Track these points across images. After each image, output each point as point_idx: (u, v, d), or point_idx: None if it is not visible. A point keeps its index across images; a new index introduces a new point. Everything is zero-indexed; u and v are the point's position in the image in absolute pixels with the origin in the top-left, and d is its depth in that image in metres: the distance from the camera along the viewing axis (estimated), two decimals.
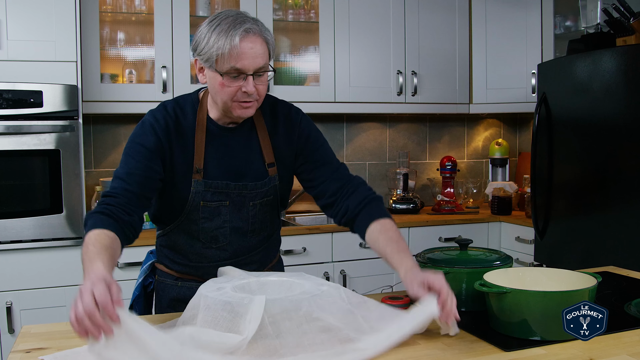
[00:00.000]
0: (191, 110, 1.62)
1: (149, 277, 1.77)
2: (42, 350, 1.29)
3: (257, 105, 1.56)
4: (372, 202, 1.65)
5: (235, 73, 1.48)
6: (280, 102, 1.72)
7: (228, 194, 1.60)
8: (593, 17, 3.11)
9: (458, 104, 3.72)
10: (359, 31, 3.47)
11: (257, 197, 1.64)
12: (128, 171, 1.52)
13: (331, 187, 1.66)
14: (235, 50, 1.45)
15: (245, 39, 1.46)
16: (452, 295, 1.32)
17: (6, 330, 2.63)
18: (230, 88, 1.50)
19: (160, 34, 3.09)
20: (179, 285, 1.70)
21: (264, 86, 1.53)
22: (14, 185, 2.64)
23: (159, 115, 1.59)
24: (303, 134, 1.68)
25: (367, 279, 3.23)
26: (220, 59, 1.47)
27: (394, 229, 1.58)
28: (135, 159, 1.54)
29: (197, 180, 1.58)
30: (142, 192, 1.52)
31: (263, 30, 1.51)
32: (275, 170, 1.66)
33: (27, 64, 2.66)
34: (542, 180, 3.11)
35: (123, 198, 1.48)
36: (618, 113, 2.69)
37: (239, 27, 1.46)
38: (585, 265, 2.71)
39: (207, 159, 1.60)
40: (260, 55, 1.49)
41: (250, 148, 1.64)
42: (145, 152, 1.54)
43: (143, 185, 1.52)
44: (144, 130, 1.57)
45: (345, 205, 1.64)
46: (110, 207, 1.45)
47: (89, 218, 1.45)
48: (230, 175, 1.61)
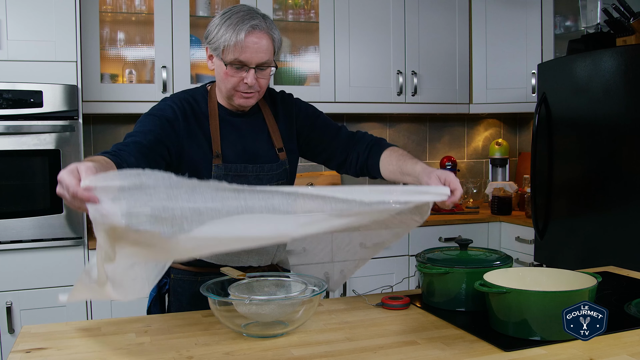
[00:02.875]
0: (202, 100, 1.71)
1: (163, 277, 1.77)
2: (42, 350, 1.29)
3: (257, 97, 1.66)
4: (378, 142, 1.77)
5: (239, 64, 1.58)
6: (273, 90, 1.83)
7: (246, 176, 1.67)
8: (593, 17, 3.11)
9: (458, 104, 3.72)
10: (359, 31, 3.47)
11: (272, 179, 1.71)
12: (142, 130, 1.56)
13: (340, 146, 1.79)
14: (240, 43, 1.56)
15: (251, 34, 1.56)
16: (461, 191, 1.43)
17: (6, 330, 2.63)
18: (233, 78, 1.60)
19: (160, 34, 3.09)
20: (198, 280, 1.70)
21: (265, 80, 1.64)
22: (14, 185, 2.64)
23: (176, 100, 1.67)
24: (301, 111, 1.80)
25: (367, 279, 3.23)
26: (226, 50, 1.58)
27: (403, 151, 1.70)
28: (151, 123, 1.58)
29: (217, 164, 1.65)
30: (153, 150, 1.54)
31: (270, 28, 1.61)
32: (284, 155, 1.75)
33: (27, 64, 2.66)
34: (542, 180, 3.11)
35: (133, 147, 1.49)
36: (618, 113, 2.69)
37: (247, 22, 1.56)
38: (585, 265, 2.71)
39: (223, 143, 1.67)
40: (264, 50, 1.58)
41: (260, 132, 1.73)
42: (162, 120, 1.60)
43: (155, 144, 1.54)
44: (162, 106, 1.64)
45: (355, 153, 1.77)
46: (117, 151, 1.43)
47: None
48: (245, 157, 1.68)
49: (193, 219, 1.07)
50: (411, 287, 3.27)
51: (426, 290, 1.62)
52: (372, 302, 1.62)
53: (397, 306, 1.59)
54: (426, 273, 1.59)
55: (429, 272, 1.58)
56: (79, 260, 2.74)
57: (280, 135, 1.75)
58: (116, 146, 1.48)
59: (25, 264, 2.66)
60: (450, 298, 1.56)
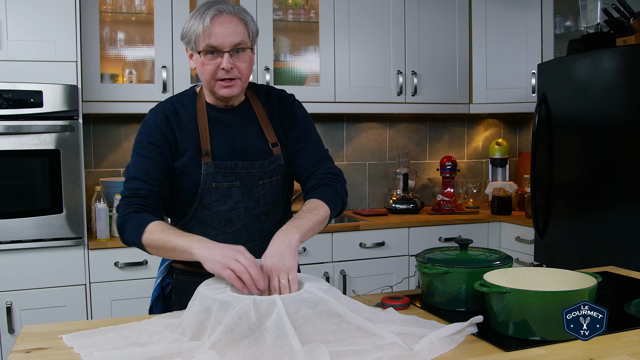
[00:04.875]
0: (190, 102, 1.71)
1: (166, 278, 1.77)
2: (42, 350, 1.29)
3: (240, 84, 1.64)
4: (321, 187, 1.68)
5: (211, 49, 1.58)
6: (274, 88, 1.82)
7: (237, 173, 1.67)
8: (593, 17, 3.11)
9: (458, 104, 3.72)
10: (359, 31, 3.47)
11: (266, 175, 1.70)
12: (145, 170, 1.61)
13: (306, 168, 1.73)
14: (208, 29, 1.57)
15: (217, 17, 1.57)
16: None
17: (6, 330, 2.63)
18: (209, 66, 1.60)
19: (160, 34, 3.09)
20: (199, 281, 1.69)
21: (244, 64, 1.62)
22: (14, 185, 2.64)
23: (157, 111, 1.69)
24: (293, 115, 1.77)
25: (367, 279, 3.23)
26: (197, 39, 1.59)
27: (316, 204, 1.60)
28: (148, 158, 1.62)
29: (207, 162, 1.65)
30: (163, 190, 1.63)
31: (239, 11, 1.61)
32: (279, 150, 1.73)
33: (27, 64, 2.66)
34: (542, 180, 3.11)
35: (151, 199, 1.59)
36: (618, 113, 2.69)
37: (212, 7, 1.58)
38: (585, 265, 2.71)
39: (213, 141, 1.67)
40: (234, 33, 1.58)
41: (251, 128, 1.72)
42: (155, 148, 1.63)
43: (162, 182, 1.62)
44: (147, 129, 1.66)
45: (305, 190, 1.73)
46: (145, 208, 1.56)
47: (128, 217, 1.54)
48: (236, 154, 1.68)
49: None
50: (411, 287, 3.27)
51: (426, 290, 1.62)
52: (372, 302, 1.62)
53: (397, 306, 1.59)
54: (426, 273, 1.59)
55: (429, 272, 1.58)
56: (79, 260, 2.74)
57: (273, 130, 1.73)
58: (135, 200, 1.57)
59: (25, 264, 2.66)
60: (450, 298, 1.56)
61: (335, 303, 1.28)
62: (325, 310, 1.25)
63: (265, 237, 1.71)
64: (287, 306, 1.22)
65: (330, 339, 1.22)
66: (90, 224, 2.97)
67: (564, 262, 2.92)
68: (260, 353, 1.17)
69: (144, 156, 1.62)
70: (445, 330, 1.31)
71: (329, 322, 1.24)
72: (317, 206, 1.59)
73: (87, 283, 2.76)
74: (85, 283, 2.75)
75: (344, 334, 1.24)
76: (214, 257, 1.36)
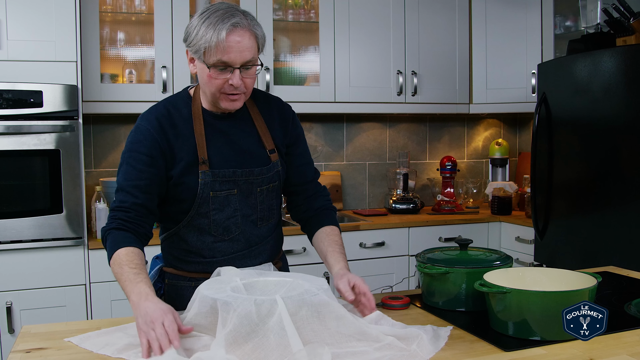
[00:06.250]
0: (184, 106, 1.65)
1: (157, 282, 1.75)
2: (42, 350, 1.29)
3: (244, 98, 1.61)
4: (328, 211, 1.79)
5: (222, 66, 1.52)
6: (272, 95, 1.80)
7: (236, 181, 1.63)
8: (593, 17, 3.11)
9: (458, 104, 3.72)
10: (359, 31, 3.47)
11: (264, 182, 1.67)
12: (133, 184, 1.56)
13: (309, 187, 1.80)
14: (222, 44, 1.49)
15: (233, 33, 1.49)
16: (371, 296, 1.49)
17: (6, 330, 2.63)
18: (218, 80, 1.54)
19: (160, 34, 3.09)
20: (192, 285, 1.68)
21: (251, 79, 1.58)
22: (14, 185, 2.64)
23: (150, 117, 1.61)
24: (294, 133, 1.76)
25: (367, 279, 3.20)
26: (208, 52, 1.51)
27: (339, 236, 1.74)
28: (137, 169, 1.56)
29: (204, 171, 1.60)
30: (150, 203, 1.58)
31: (252, 25, 1.54)
32: (277, 157, 1.70)
33: (27, 64, 2.66)
34: (542, 180, 3.11)
35: (134, 212, 1.54)
36: (618, 113, 2.69)
37: (227, 21, 1.49)
38: (585, 265, 2.71)
39: (210, 149, 1.62)
40: (248, 49, 1.52)
41: (248, 134, 1.68)
42: (145, 158, 1.56)
43: (150, 195, 1.57)
44: (139, 136, 1.59)
45: (306, 205, 1.79)
46: (126, 224, 1.53)
47: (108, 235, 1.53)
48: (234, 162, 1.63)
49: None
50: (411, 287, 3.27)
51: (426, 290, 1.62)
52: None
53: (397, 306, 1.59)
54: (426, 273, 1.59)
55: (429, 272, 1.58)
56: (79, 260, 2.74)
57: (271, 137, 1.69)
58: (118, 214, 1.54)
59: (25, 264, 2.66)
60: (450, 298, 1.56)
61: (335, 304, 1.28)
62: (324, 311, 1.25)
63: (261, 241, 1.71)
64: (288, 307, 1.22)
65: (328, 342, 1.23)
66: (90, 224, 2.97)
67: (564, 262, 2.92)
68: (265, 355, 1.18)
69: (133, 166, 1.56)
70: (426, 331, 1.34)
71: (328, 324, 1.25)
72: (339, 238, 1.74)
73: (87, 283, 2.76)
74: (85, 283, 2.75)
75: (342, 336, 1.24)
76: (137, 320, 1.30)
